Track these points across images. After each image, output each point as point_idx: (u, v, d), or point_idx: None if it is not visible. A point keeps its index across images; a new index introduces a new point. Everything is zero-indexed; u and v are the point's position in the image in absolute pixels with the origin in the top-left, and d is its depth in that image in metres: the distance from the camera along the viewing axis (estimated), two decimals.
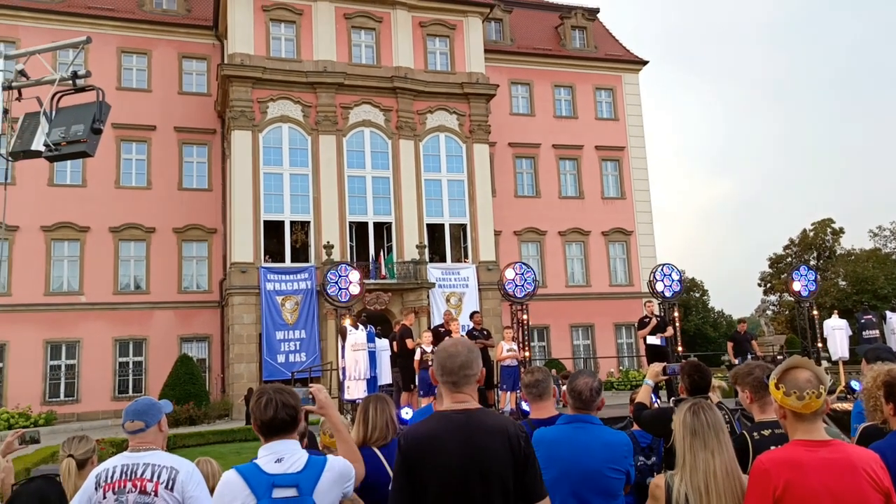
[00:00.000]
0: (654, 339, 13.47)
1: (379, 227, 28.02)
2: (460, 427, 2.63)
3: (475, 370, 2.77)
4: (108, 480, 3.17)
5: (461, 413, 2.69)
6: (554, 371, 17.46)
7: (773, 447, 2.89)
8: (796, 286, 17.28)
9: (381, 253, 27.49)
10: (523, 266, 15.80)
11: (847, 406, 10.12)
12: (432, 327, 15.19)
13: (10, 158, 5.15)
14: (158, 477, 3.17)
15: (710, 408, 2.85)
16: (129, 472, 3.19)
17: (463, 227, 29.18)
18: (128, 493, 3.14)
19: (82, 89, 5.23)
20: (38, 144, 5.03)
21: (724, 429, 2.80)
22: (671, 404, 5.65)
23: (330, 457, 3.03)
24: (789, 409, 2.57)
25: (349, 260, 25.44)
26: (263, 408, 2.90)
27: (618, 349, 33.14)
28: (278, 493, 2.75)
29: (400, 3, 29.25)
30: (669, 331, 14.13)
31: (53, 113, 5.12)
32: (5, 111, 5.11)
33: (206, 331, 28.54)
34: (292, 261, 26.53)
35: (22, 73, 5.15)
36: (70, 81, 5.27)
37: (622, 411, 11.43)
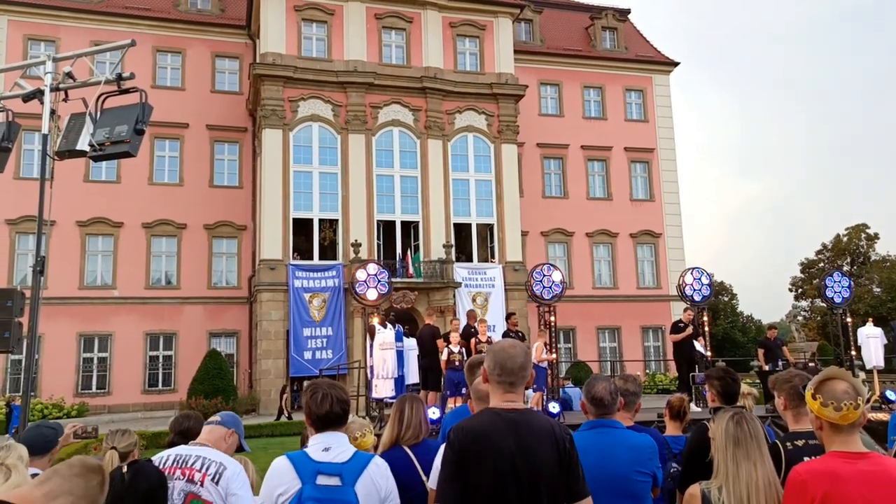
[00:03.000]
0: (699, 346, 13.94)
1: (406, 225, 28.12)
2: (511, 426, 2.69)
3: (529, 371, 2.88)
4: (161, 467, 3.38)
5: (512, 412, 2.74)
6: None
7: (805, 458, 2.86)
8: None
9: (408, 252, 27.58)
10: (550, 267, 15.71)
11: (881, 416, 9.97)
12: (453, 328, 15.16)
13: (56, 157, 5.28)
14: (207, 469, 3.35)
15: (751, 418, 2.84)
16: (180, 461, 3.40)
17: (490, 226, 29.14)
18: (175, 479, 3.33)
19: (126, 91, 5.35)
20: (83, 144, 5.15)
21: (764, 440, 2.79)
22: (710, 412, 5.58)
23: (377, 456, 3.13)
24: (826, 420, 2.55)
25: (376, 258, 25.58)
26: (320, 402, 3.03)
27: (644, 352, 32.86)
28: (322, 480, 2.88)
29: (430, 3, 29.31)
30: (700, 341, 14.38)
31: (98, 114, 5.24)
32: (52, 111, 5.24)
33: (234, 326, 28.91)
34: (320, 258, 26.73)
35: (69, 75, 5.27)
36: (114, 83, 5.38)
37: (648, 416, 11.36)
